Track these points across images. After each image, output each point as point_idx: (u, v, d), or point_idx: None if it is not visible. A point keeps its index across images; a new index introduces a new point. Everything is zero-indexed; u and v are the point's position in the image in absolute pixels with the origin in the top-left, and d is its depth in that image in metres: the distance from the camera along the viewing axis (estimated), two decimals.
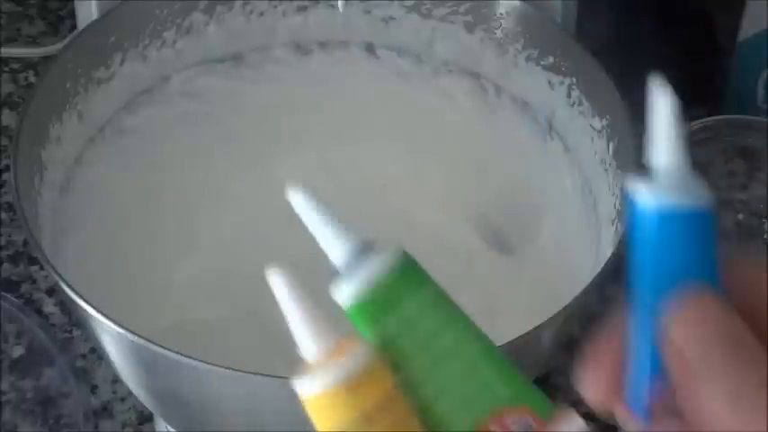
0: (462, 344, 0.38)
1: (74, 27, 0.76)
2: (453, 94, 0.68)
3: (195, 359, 0.49)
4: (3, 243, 0.75)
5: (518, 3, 0.65)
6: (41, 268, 0.72)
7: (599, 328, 0.38)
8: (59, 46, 0.83)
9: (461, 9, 0.66)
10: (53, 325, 0.71)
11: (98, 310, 0.50)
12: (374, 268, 0.37)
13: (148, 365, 0.52)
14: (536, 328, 0.51)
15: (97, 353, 0.68)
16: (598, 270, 0.54)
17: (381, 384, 0.36)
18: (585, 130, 0.63)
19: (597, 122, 0.62)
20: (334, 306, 0.67)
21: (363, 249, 0.38)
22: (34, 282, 0.73)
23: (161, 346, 0.49)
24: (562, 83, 0.64)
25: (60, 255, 0.57)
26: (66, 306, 0.71)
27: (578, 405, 0.72)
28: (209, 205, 0.68)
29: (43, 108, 0.59)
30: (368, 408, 0.35)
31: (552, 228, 0.65)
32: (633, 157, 0.58)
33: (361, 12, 0.67)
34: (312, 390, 0.36)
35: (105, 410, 0.67)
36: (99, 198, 0.62)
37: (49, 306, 0.72)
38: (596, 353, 0.38)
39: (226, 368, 0.49)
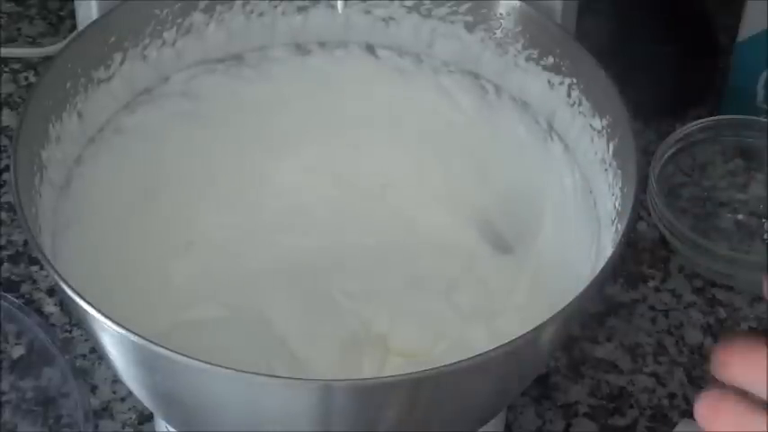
0: None
1: (74, 27, 0.76)
2: (453, 94, 0.68)
3: (195, 359, 0.49)
4: (3, 243, 0.75)
5: (518, 3, 0.65)
6: (41, 268, 0.72)
7: None
8: (59, 46, 0.83)
9: (461, 9, 0.66)
10: (53, 325, 0.71)
11: (98, 310, 0.50)
12: None
13: (148, 365, 0.52)
14: (536, 328, 0.51)
15: (97, 353, 0.68)
16: (598, 270, 0.54)
17: None
18: (585, 130, 0.62)
19: (597, 122, 0.62)
20: (333, 305, 0.67)
21: None
22: (34, 282, 0.73)
23: (161, 346, 0.49)
24: (562, 83, 0.64)
25: (60, 255, 0.57)
26: (67, 306, 0.71)
27: (578, 405, 0.73)
28: (208, 205, 0.68)
29: (43, 108, 0.59)
30: None
31: (552, 228, 0.65)
32: (633, 157, 0.58)
33: (361, 12, 0.67)
34: None
35: (105, 410, 0.67)
36: (99, 198, 0.62)
37: (49, 306, 0.72)
38: None
39: (226, 368, 0.49)
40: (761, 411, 0.48)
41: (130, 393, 0.63)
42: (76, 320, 0.70)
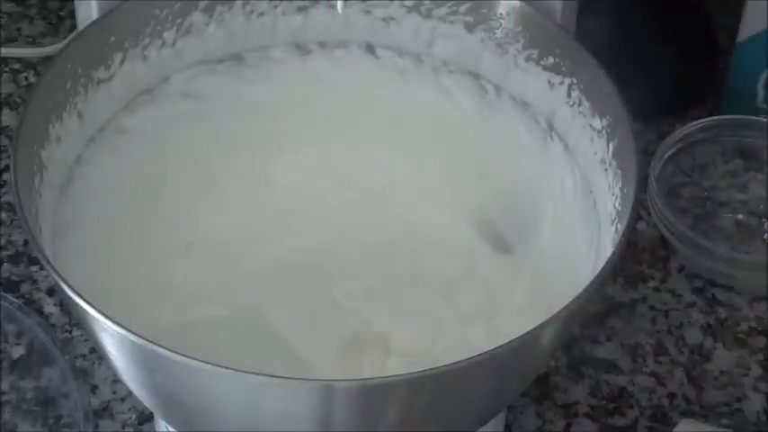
0: None
1: (74, 27, 0.76)
2: (453, 94, 0.68)
3: (195, 359, 0.49)
4: (3, 243, 0.75)
5: (518, 3, 0.65)
6: (41, 268, 0.72)
7: None
8: (59, 46, 0.83)
9: (461, 9, 0.66)
10: (53, 325, 0.71)
11: (98, 310, 0.50)
12: None
13: (148, 365, 0.52)
14: (536, 328, 0.51)
15: (97, 353, 0.68)
16: (598, 270, 0.54)
17: None
18: (585, 130, 0.63)
19: (597, 122, 0.62)
20: (333, 305, 0.67)
21: None
22: (34, 282, 0.73)
23: (161, 346, 0.49)
24: (562, 83, 0.64)
25: (60, 255, 0.57)
26: (66, 306, 0.71)
27: (578, 405, 0.73)
28: (208, 205, 0.68)
29: (43, 108, 0.59)
30: None
31: (552, 228, 0.65)
32: (633, 157, 0.58)
33: (361, 12, 0.67)
34: None
35: (105, 410, 0.67)
36: (99, 198, 0.62)
37: (49, 306, 0.72)
38: None
39: (226, 368, 0.49)
40: None
41: (130, 393, 0.63)
42: (76, 320, 0.70)
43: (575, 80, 0.63)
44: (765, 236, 0.77)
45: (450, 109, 0.68)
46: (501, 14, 0.65)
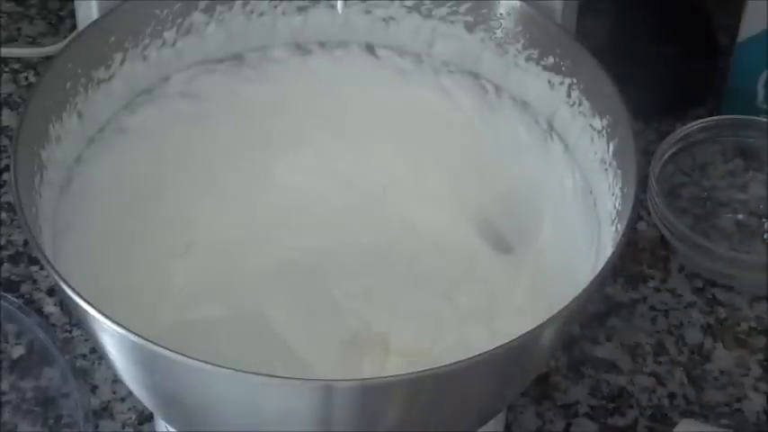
0: None
1: (74, 27, 0.76)
2: (453, 94, 0.68)
3: (195, 359, 0.49)
4: (3, 243, 0.75)
5: (518, 3, 0.65)
6: (41, 268, 0.72)
7: None
8: (59, 46, 0.83)
9: (461, 9, 0.66)
10: (53, 325, 0.71)
11: (98, 310, 0.50)
12: None
13: (148, 365, 0.52)
14: (536, 328, 0.51)
15: (97, 353, 0.68)
16: (598, 270, 0.54)
17: None
18: (585, 130, 0.63)
19: (597, 122, 0.62)
20: (333, 305, 0.67)
21: None
22: (34, 282, 0.73)
23: (161, 346, 0.49)
24: (562, 83, 0.64)
25: (60, 255, 0.57)
26: (66, 306, 0.71)
27: (578, 405, 0.73)
28: (208, 205, 0.68)
29: (43, 108, 0.59)
30: None
31: (552, 228, 0.65)
32: (633, 157, 0.58)
33: (362, 12, 0.67)
34: None
35: (105, 410, 0.67)
36: (99, 198, 0.62)
37: (49, 306, 0.72)
38: None
39: (226, 368, 0.49)
40: None
41: (130, 393, 0.63)
42: (76, 320, 0.70)
43: (575, 80, 0.63)
44: (765, 236, 0.77)
45: (450, 109, 0.68)
46: (501, 14, 0.65)
